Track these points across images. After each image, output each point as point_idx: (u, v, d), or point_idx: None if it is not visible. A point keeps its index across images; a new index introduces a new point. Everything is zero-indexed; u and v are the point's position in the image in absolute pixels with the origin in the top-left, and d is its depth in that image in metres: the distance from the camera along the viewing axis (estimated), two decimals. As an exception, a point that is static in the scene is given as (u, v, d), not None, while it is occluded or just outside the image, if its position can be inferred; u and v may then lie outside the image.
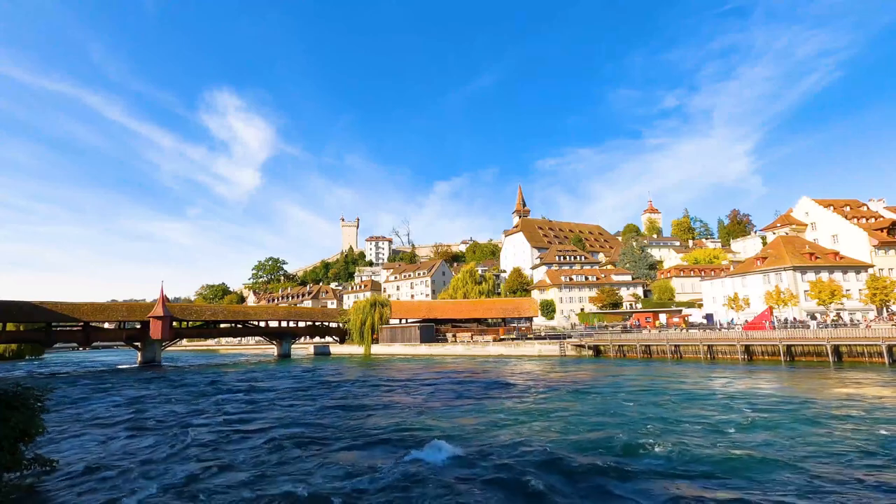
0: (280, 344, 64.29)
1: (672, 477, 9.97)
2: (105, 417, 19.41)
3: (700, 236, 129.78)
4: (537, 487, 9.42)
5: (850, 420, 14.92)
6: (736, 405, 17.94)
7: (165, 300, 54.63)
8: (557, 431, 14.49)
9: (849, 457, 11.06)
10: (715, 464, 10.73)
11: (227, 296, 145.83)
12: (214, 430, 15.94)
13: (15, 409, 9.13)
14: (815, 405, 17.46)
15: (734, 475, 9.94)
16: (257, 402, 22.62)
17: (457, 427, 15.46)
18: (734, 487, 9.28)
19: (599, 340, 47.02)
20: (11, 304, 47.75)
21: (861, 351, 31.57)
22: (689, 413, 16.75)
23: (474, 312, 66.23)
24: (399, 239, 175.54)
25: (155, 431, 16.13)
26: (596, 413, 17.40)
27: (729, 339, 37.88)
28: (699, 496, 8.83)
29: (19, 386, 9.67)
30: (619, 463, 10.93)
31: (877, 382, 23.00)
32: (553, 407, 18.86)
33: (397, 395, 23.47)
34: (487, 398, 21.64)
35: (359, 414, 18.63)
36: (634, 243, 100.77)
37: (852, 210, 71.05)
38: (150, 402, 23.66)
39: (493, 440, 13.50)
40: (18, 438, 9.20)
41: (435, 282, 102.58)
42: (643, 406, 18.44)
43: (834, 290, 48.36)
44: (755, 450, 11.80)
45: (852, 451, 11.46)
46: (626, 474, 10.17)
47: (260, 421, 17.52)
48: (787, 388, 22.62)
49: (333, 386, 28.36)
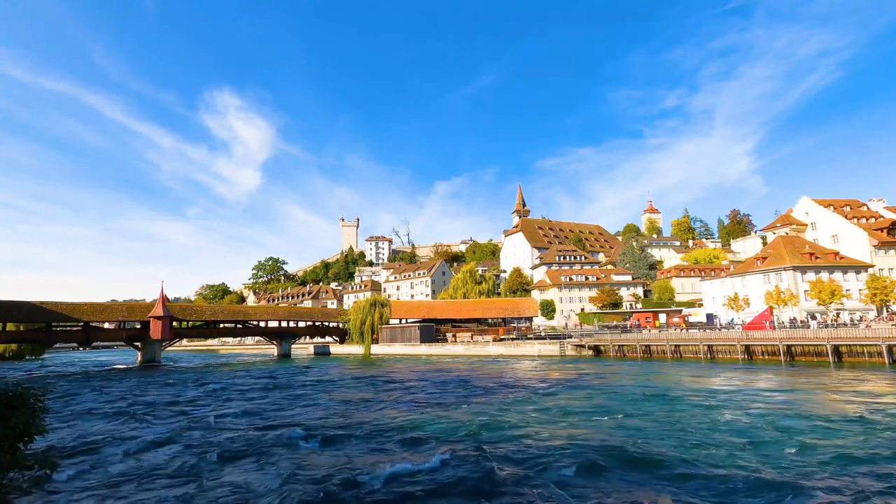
0: (280, 344, 64.34)
1: (673, 476, 9.97)
2: (105, 417, 19.40)
3: (700, 236, 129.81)
4: (538, 486, 9.41)
5: (851, 419, 14.93)
6: (736, 404, 17.96)
7: (165, 300, 54.67)
8: (557, 431, 14.49)
9: (849, 458, 11.06)
10: (714, 461, 10.75)
11: (227, 296, 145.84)
12: (238, 430, 15.96)
13: (15, 409, 9.12)
14: (817, 405, 17.47)
15: (733, 473, 9.95)
16: (267, 402, 22.63)
17: (457, 426, 15.45)
18: (735, 486, 9.28)
19: (599, 340, 47.05)
20: (11, 304, 47.82)
21: (861, 351, 31.59)
22: (689, 412, 16.76)
23: (474, 312, 66.27)
24: (399, 239, 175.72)
25: (156, 432, 16.15)
26: (595, 412, 17.41)
27: (729, 339, 37.90)
28: (699, 496, 8.83)
29: (19, 386, 9.65)
30: (620, 461, 10.93)
31: (877, 382, 22.99)
32: (552, 406, 18.87)
33: (396, 395, 23.45)
34: (487, 397, 21.63)
35: (359, 413, 18.63)
36: (634, 243, 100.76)
37: (852, 210, 71.09)
38: (150, 401, 23.65)
39: (494, 439, 13.50)
40: (18, 438, 9.19)
41: (435, 282, 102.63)
42: (643, 405, 18.46)
43: (834, 290, 48.40)
44: (755, 449, 11.80)
45: (852, 451, 11.46)
46: (627, 473, 10.17)
47: (271, 419, 17.55)
48: (787, 387, 22.62)
49: (332, 385, 28.37)
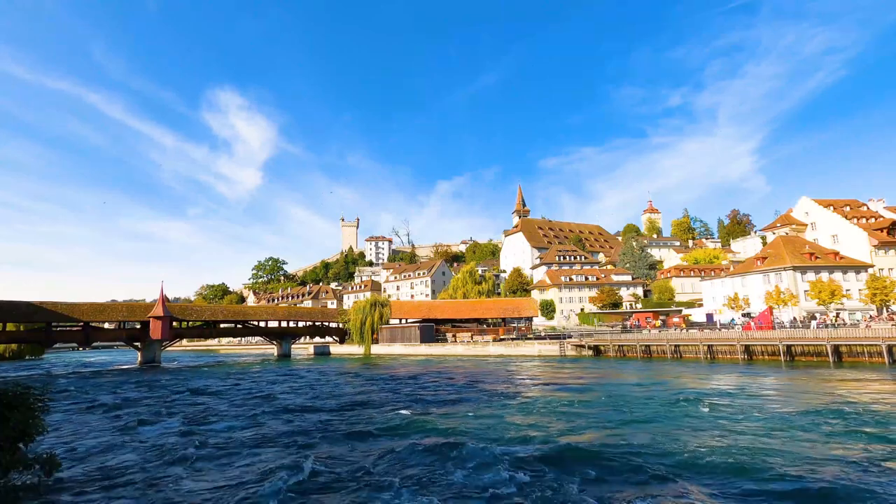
0: (280, 344, 64.35)
1: (673, 475, 9.97)
2: (105, 417, 19.40)
3: (700, 236, 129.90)
4: (539, 484, 9.43)
5: (849, 418, 14.94)
6: (737, 403, 17.96)
7: (165, 300, 54.68)
8: (557, 430, 14.48)
9: (848, 458, 11.07)
10: (712, 459, 10.76)
11: (227, 296, 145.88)
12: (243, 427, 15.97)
13: (15, 409, 9.14)
14: (815, 404, 17.48)
15: (733, 474, 9.95)
16: (273, 403, 22.65)
17: (456, 425, 15.45)
18: (733, 487, 9.29)
19: (599, 340, 47.06)
20: (11, 304, 47.82)
21: (861, 351, 31.59)
22: (688, 411, 16.76)
23: (474, 312, 66.30)
24: (399, 239, 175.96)
25: (155, 430, 16.15)
26: (595, 411, 17.40)
27: (729, 339, 37.86)
28: (699, 494, 8.84)
29: (19, 386, 9.67)
30: (621, 460, 10.94)
31: (877, 382, 22.99)
32: (552, 405, 18.86)
33: (396, 394, 23.45)
34: (487, 397, 21.61)
35: (359, 412, 18.63)
36: (634, 243, 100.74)
37: (852, 210, 71.13)
38: (150, 401, 23.65)
39: (494, 439, 13.49)
40: (18, 438, 9.20)
41: (435, 282, 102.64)
42: (642, 403, 18.45)
43: (834, 290, 48.40)
44: (755, 447, 11.82)
45: (853, 451, 11.47)
46: (628, 471, 10.17)
47: (272, 419, 17.56)
48: (787, 387, 22.61)
49: (332, 384, 28.37)
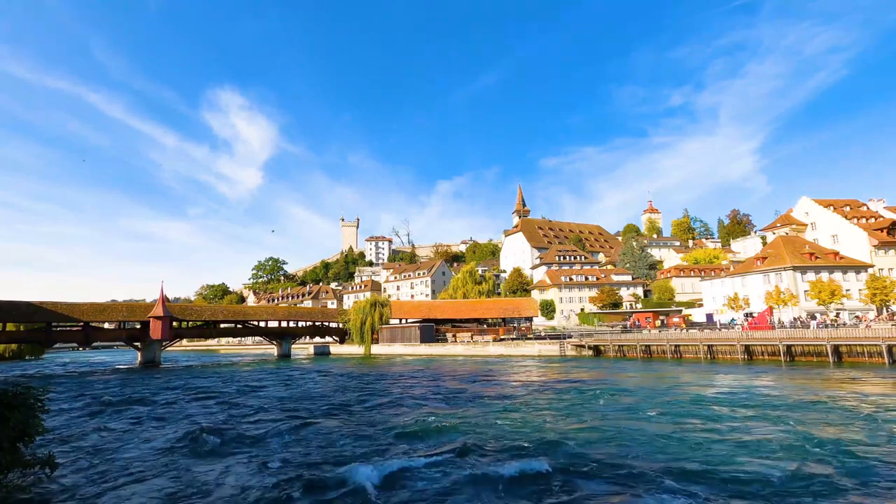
0: (280, 344, 64.34)
1: (673, 475, 9.97)
2: (105, 416, 19.40)
3: (700, 236, 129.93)
4: (539, 484, 9.44)
5: (850, 417, 14.93)
6: (737, 403, 17.96)
7: (165, 300, 54.67)
8: (557, 429, 14.48)
9: (848, 458, 11.07)
10: (710, 457, 10.76)
11: (227, 296, 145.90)
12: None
13: (15, 409, 9.13)
14: (815, 404, 17.47)
15: (733, 473, 9.95)
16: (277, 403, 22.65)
17: (456, 425, 15.45)
18: (734, 487, 9.29)
19: (599, 340, 47.07)
20: (11, 304, 47.82)
21: (861, 351, 31.57)
22: (688, 411, 16.76)
23: (474, 312, 66.32)
24: (399, 239, 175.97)
25: (155, 430, 16.15)
26: (595, 411, 17.39)
27: (729, 339, 37.85)
28: (699, 494, 8.84)
29: (19, 386, 9.66)
30: (621, 460, 10.94)
31: (877, 382, 22.99)
32: (552, 405, 18.87)
33: (395, 394, 23.46)
34: (487, 397, 21.61)
35: (360, 413, 18.64)
36: (634, 243, 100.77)
37: (852, 210, 71.14)
38: (150, 401, 23.64)
39: (495, 437, 13.50)
40: (18, 438, 9.20)
41: (435, 282, 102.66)
42: (642, 403, 18.44)
43: (834, 290, 48.42)
44: (754, 447, 11.82)
45: (853, 451, 11.47)
46: (629, 471, 10.16)
47: (275, 420, 17.57)
48: (786, 387, 22.61)
49: (332, 385, 28.37)
